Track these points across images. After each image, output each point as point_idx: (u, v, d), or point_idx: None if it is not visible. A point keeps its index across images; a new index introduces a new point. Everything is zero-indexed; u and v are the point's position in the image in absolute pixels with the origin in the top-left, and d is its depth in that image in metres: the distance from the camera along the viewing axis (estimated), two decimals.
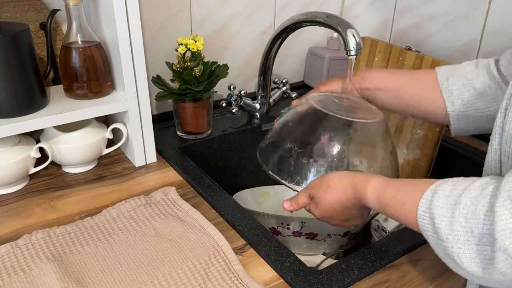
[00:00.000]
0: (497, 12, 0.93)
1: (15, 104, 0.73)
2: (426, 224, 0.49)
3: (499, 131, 0.53)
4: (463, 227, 0.45)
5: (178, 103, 0.93)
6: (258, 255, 0.65)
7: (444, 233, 0.46)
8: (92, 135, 0.82)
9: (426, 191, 0.50)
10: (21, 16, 0.83)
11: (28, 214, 0.73)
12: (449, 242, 0.46)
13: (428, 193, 0.49)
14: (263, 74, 1.00)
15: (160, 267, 0.61)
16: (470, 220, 0.44)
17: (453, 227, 0.46)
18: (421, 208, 0.49)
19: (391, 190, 0.55)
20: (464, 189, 0.47)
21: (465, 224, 0.45)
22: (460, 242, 0.45)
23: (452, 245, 0.46)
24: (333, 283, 0.59)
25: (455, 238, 0.46)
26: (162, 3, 0.97)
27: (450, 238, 0.46)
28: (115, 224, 0.70)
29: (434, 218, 0.47)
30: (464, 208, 0.45)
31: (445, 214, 0.47)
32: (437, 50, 1.06)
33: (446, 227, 0.46)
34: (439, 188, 0.49)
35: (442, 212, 0.47)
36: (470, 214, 0.45)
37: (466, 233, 0.45)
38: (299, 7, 1.17)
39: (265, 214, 0.80)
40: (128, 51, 0.77)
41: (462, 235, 0.45)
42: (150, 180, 0.82)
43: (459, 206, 0.46)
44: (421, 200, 0.50)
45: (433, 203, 0.48)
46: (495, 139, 0.53)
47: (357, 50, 0.75)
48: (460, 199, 0.46)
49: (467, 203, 0.45)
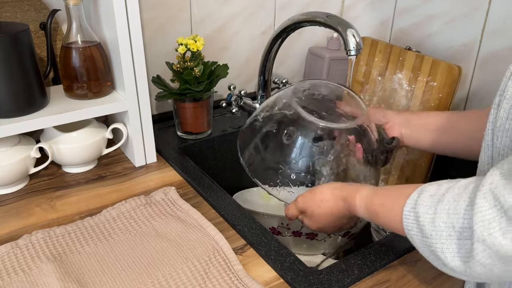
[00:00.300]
0: (497, 12, 0.93)
1: (15, 104, 0.73)
2: (411, 224, 0.50)
3: (491, 127, 0.53)
4: (445, 222, 0.46)
5: (178, 103, 0.93)
6: (258, 255, 0.65)
7: (427, 230, 0.47)
8: (92, 135, 0.82)
9: (413, 193, 0.51)
10: (21, 16, 0.83)
11: (28, 214, 0.73)
12: (433, 238, 0.47)
13: (414, 194, 0.51)
14: (263, 74, 1.00)
15: (160, 267, 0.61)
16: (452, 215, 0.45)
17: (436, 223, 0.47)
18: (406, 209, 0.50)
19: (379, 198, 0.57)
20: (448, 188, 0.48)
21: (447, 219, 0.46)
22: (443, 237, 0.46)
23: (435, 241, 0.47)
24: (333, 283, 0.59)
25: (438, 234, 0.46)
26: (162, 3, 0.97)
27: (434, 234, 0.47)
28: (115, 224, 0.70)
29: (419, 217, 0.48)
30: (446, 204, 0.46)
31: (429, 212, 0.48)
32: (437, 50, 1.06)
33: (429, 223, 0.47)
34: (425, 189, 0.50)
35: (426, 210, 0.48)
36: (452, 209, 0.46)
37: (448, 228, 0.46)
38: (299, 7, 1.17)
39: (265, 214, 0.80)
40: (128, 51, 0.77)
41: (445, 231, 0.46)
42: (150, 180, 0.82)
43: (442, 203, 0.47)
44: (407, 201, 0.51)
45: (418, 203, 0.49)
46: (488, 135, 0.54)
47: (357, 50, 0.75)
48: (444, 197, 0.47)
49: (449, 200, 0.46)
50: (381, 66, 1.01)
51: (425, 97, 0.93)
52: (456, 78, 0.88)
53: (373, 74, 1.03)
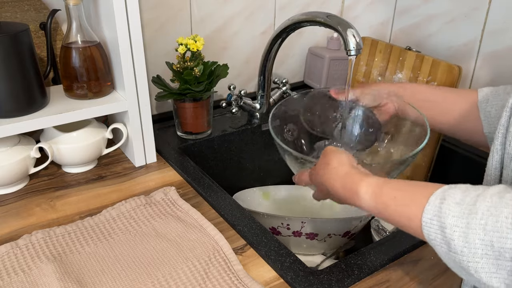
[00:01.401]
0: (497, 12, 0.93)
1: (15, 104, 0.73)
2: (433, 233, 0.45)
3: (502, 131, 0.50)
4: (481, 239, 0.41)
5: (178, 103, 0.93)
6: (258, 255, 0.65)
7: (458, 246, 0.42)
8: (92, 135, 0.82)
9: (432, 196, 0.45)
10: (21, 16, 0.83)
11: (28, 214, 0.73)
12: (465, 256, 0.42)
13: (435, 199, 0.45)
14: (263, 74, 1.00)
15: (160, 267, 0.61)
16: (490, 232, 0.40)
17: (469, 239, 0.41)
18: (427, 216, 0.45)
19: (391, 190, 0.50)
20: (477, 196, 0.43)
21: (484, 236, 0.41)
22: (478, 256, 0.41)
23: (468, 259, 0.42)
24: (333, 283, 0.59)
25: (472, 252, 0.41)
26: (162, 3, 0.97)
27: (466, 251, 0.42)
28: (115, 224, 0.70)
29: (445, 228, 0.43)
30: (481, 219, 0.41)
31: (459, 224, 0.42)
32: (437, 50, 1.06)
33: (460, 238, 0.42)
34: (447, 194, 0.45)
35: (455, 222, 0.42)
36: (490, 225, 0.40)
37: (485, 246, 0.41)
38: (299, 7, 1.17)
39: (265, 214, 0.80)
40: (128, 51, 0.77)
41: (480, 249, 0.41)
42: (150, 180, 0.82)
43: (476, 216, 0.41)
44: (427, 206, 0.45)
45: (443, 211, 0.44)
46: (497, 139, 0.51)
47: (357, 50, 0.75)
48: (476, 208, 0.42)
49: (484, 213, 0.41)
50: (381, 66, 1.01)
51: None
52: (456, 78, 0.88)
53: (373, 74, 1.03)
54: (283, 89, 1.10)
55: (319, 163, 0.60)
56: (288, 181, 1.05)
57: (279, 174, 1.11)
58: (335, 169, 0.57)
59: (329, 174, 0.57)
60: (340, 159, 0.57)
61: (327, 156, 0.59)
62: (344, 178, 0.55)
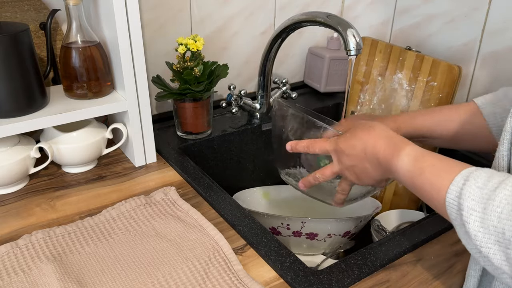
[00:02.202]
0: (497, 12, 0.93)
1: (15, 104, 0.73)
2: (454, 213, 0.45)
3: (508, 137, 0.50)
4: (495, 226, 0.41)
5: (178, 103, 0.93)
6: (258, 255, 0.65)
7: (472, 229, 0.43)
8: (92, 135, 0.82)
9: (458, 176, 0.46)
10: (21, 16, 0.83)
11: (28, 214, 0.73)
12: (478, 240, 0.43)
13: (460, 179, 0.45)
14: (263, 74, 1.00)
15: (160, 267, 0.61)
16: (504, 220, 0.41)
17: (484, 224, 0.42)
18: (450, 196, 0.45)
19: (431, 158, 0.51)
20: (499, 183, 0.43)
21: (497, 224, 0.41)
22: (491, 242, 0.42)
23: (481, 243, 0.43)
24: (333, 283, 0.59)
25: (486, 237, 0.42)
26: (162, 3, 0.97)
27: (480, 236, 0.42)
28: (115, 224, 0.70)
29: (462, 210, 0.44)
30: (498, 206, 0.41)
31: (476, 208, 0.43)
32: (437, 50, 1.06)
33: (476, 223, 0.43)
34: (472, 176, 0.45)
35: (473, 205, 0.43)
36: (505, 214, 0.41)
37: (497, 234, 0.41)
38: (299, 7, 1.17)
39: (265, 214, 0.80)
40: (128, 51, 0.77)
41: (493, 235, 0.41)
42: (150, 180, 0.82)
43: (493, 203, 0.42)
44: (451, 186, 0.46)
45: (463, 192, 0.44)
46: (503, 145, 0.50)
47: (357, 50, 0.75)
48: (495, 195, 0.42)
49: (502, 201, 0.41)
50: (381, 66, 1.01)
51: (425, 97, 0.93)
52: (456, 78, 0.88)
53: (373, 74, 1.03)
54: (283, 89, 1.10)
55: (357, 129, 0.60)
56: None
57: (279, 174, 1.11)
58: (382, 131, 0.58)
59: (374, 135, 0.58)
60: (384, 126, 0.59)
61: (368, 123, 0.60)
62: (390, 138, 0.57)
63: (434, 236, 0.68)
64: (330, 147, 0.63)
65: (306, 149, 0.66)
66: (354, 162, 0.60)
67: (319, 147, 0.64)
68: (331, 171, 0.64)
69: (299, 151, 0.67)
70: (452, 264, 0.64)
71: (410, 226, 0.71)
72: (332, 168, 0.64)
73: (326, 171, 0.65)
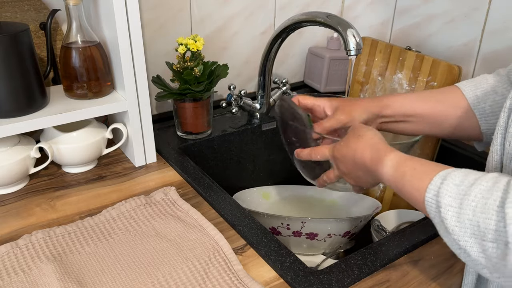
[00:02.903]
0: (497, 12, 0.93)
1: (15, 104, 0.73)
2: (433, 212, 0.47)
3: (501, 132, 0.51)
4: (470, 220, 0.43)
5: (178, 103, 0.93)
6: (258, 255, 0.65)
7: (450, 225, 0.45)
8: (92, 135, 0.82)
9: (435, 176, 0.48)
10: (21, 16, 0.83)
11: (28, 214, 0.73)
12: (455, 234, 0.44)
13: (437, 179, 0.47)
14: (263, 74, 1.00)
15: (160, 267, 0.61)
16: (478, 214, 0.43)
17: (460, 219, 0.44)
18: (428, 195, 0.47)
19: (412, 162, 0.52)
20: (475, 180, 0.45)
21: (472, 217, 0.43)
22: (467, 235, 0.44)
23: (458, 237, 0.44)
24: (333, 283, 0.59)
25: (462, 231, 0.44)
26: (162, 3, 0.97)
27: (457, 230, 0.44)
28: (115, 224, 0.70)
29: (440, 207, 0.46)
30: (473, 200, 0.43)
31: (453, 204, 0.45)
32: (437, 50, 1.06)
33: (453, 218, 0.44)
34: (449, 175, 0.47)
35: (450, 202, 0.45)
36: (479, 207, 0.43)
37: (472, 226, 0.43)
38: (299, 7, 1.17)
39: (265, 214, 0.80)
40: (128, 51, 0.77)
41: (469, 228, 0.43)
42: (150, 180, 0.82)
43: (468, 198, 0.44)
44: (429, 186, 0.47)
45: (441, 191, 0.46)
46: (496, 139, 0.52)
47: (357, 50, 0.75)
48: (470, 190, 0.44)
49: (477, 195, 0.43)
50: (381, 66, 1.01)
51: None
52: (456, 78, 0.88)
53: (373, 74, 1.03)
54: (283, 89, 1.10)
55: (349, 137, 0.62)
56: (288, 181, 1.06)
57: (279, 174, 1.11)
58: (370, 140, 0.60)
59: (362, 144, 0.60)
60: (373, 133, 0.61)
61: (359, 130, 0.62)
62: (375, 146, 0.58)
63: (434, 236, 0.68)
64: (329, 153, 0.65)
65: (309, 157, 0.68)
66: (348, 169, 0.62)
67: (320, 154, 0.66)
68: (334, 175, 0.67)
69: (303, 158, 0.69)
70: (452, 264, 0.64)
71: (410, 226, 0.71)
72: (334, 172, 0.66)
73: (330, 175, 0.67)
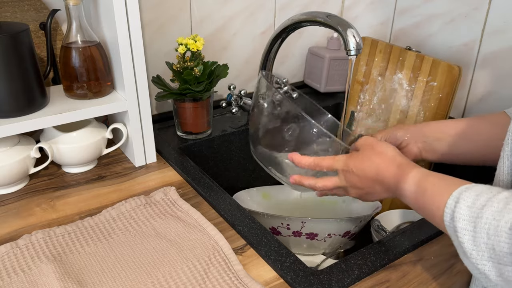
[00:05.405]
0: (497, 12, 0.93)
1: (15, 104, 0.73)
2: (453, 235, 0.47)
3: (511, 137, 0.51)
4: (485, 243, 0.43)
5: (178, 103, 0.93)
6: (258, 255, 0.65)
7: (467, 248, 0.45)
8: (92, 135, 0.82)
9: (449, 198, 0.48)
10: (21, 16, 0.83)
11: (28, 214, 0.73)
12: (473, 258, 0.44)
13: (451, 202, 0.47)
14: None
15: (160, 267, 0.61)
16: (492, 237, 0.42)
17: (476, 242, 0.44)
18: (446, 219, 0.47)
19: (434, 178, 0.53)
20: (487, 201, 0.44)
21: (487, 240, 0.43)
22: (485, 259, 0.43)
23: (477, 261, 0.44)
24: (333, 283, 0.59)
25: (479, 254, 0.44)
26: (162, 3, 0.97)
27: (474, 254, 0.44)
28: (115, 224, 0.70)
29: (457, 231, 0.46)
30: (485, 223, 0.43)
31: (468, 228, 0.44)
32: (437, 50, 1.06)
33: (469, 242, 0.44)
34: (461, 197, 0.47)
35: (465, 226, 0.45)
36: (492, 230, 0.42)
37: (488, 250, 0.43)
38: (299, 7, 1.17)
39: (265, 214, 0.80)
40: (128, 51, 0.77)
41: (486, 252, 0.43)
42: (150, 180, 0.82)
43: (481, 221, 0.43)
44: (445, 210, 0.48)
45: (455, 215, 0.46)
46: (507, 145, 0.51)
47: (357, 50, 0.75)
48: (482, 213, 0.44)
49: (488, 217, 0.43)
50: (381, 66, 1.01)
51: (425, 97, 0.93)
52: (456, 78, 0.88)
53: (373, 74, 1.03)
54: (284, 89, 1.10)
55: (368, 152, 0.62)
56: None
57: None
58: (393, 156, 0.60)
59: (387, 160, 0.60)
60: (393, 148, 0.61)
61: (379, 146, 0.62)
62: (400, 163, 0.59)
63: (434, 236, 0.69)
64: (339, 166, 0.63)
65: (312, 167, 0.65)
66: (363, 184, 0.62)
67: (326, 165, 0.64)
68: (334, 185, 0.65)
69: (303, 167, 0.66)
70: (452, 264, 0.64)
71: (410, 226, 0.71)
72: (336, 183, 0.64)
73: (328, 184, 0.65)
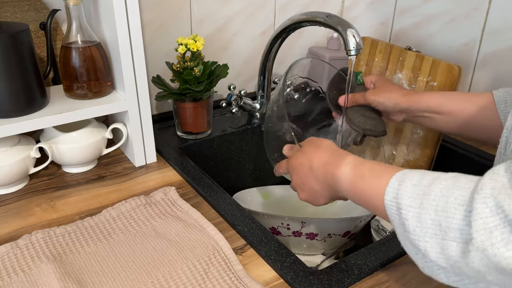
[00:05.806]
0: (497, 12, 0.93)
1: (15, 104, 0.73)
2: (393, 214, 0.47)
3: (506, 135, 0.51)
4: (432, 219, 0.43)
5: (178, 103, 0.93)
6: (258, 255, 0.65)
7: (411, 225, 0.44)
8: (92, 135, 0.82)
9: (392, 178, 0.47)
10: (21, 16, 0.83)
11: (28, 214, 0.73)
12: (416, 235, 0.44)
13: (395, 181, 0.47)
14: (263, 74, 1.00)
15: (160, 267, 0.61)
16: (440, 212, 0.42)
17: (422, 219, 0.43)
18: (387, 197, 0.47)
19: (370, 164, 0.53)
20: (434, 179, 0.45)
21: (434, 216, 0.43)
22: (428, 235, 0.43)
23: (419, 238, 0.44)
24: (333, 283, 0.59)
25: (423, 231, 0.43)
26: (162, 3, 0.97)
27: (418, 230, 0.44)
28: (115, 224, 0.70)
29: (401, 209, 0.45)
30: (434, 200, 0.43)
31: (413, 205, 0.44)
32: (437, 50, 1.06)
33: (414, 218, 0.44)
34: (406, 176, 0.47)
35: (410, 203, 0.45)
36: (440, 206, 0.42)
37: (434, 226, 0.43)
38: (299, 7, 1.17)
39: (265, 214, 0.80)
40: (128, 51, 0.77)
41: (430, 228, 0.43)
42: (150, 180, 0.82)
43: (429, 197, 0.43)
44: (387, 188, 0.47)
45: (400, 192, 0.46)
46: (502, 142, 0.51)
47: (357, 50, 0.75)
48: (430, 189, 0.44)
49: (437, 194, 0.43)
50: (381, 66, 1.01)
51: None
52: (456, 78, 0.88)
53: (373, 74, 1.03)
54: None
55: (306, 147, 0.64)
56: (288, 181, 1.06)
57: None
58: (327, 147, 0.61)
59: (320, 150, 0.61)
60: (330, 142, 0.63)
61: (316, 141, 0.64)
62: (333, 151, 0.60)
63: None
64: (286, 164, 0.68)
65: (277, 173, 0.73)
66: (302, 180, 0.63)
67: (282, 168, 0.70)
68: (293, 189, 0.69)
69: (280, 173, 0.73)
70: None
71: None
72: (292, 187, 0.69)
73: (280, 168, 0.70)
